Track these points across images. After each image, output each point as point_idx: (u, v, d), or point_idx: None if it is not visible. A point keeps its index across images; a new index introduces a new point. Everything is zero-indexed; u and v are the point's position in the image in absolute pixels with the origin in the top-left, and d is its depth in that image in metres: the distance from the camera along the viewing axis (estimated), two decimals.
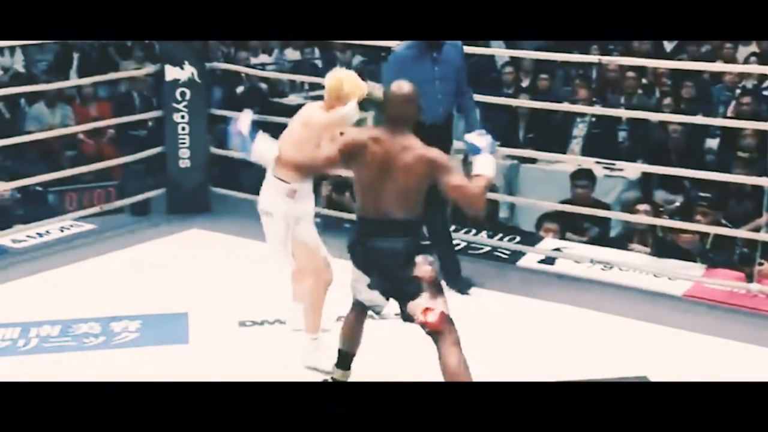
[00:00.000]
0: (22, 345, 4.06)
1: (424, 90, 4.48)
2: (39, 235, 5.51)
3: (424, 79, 4.52)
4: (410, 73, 4.51)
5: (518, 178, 7.05)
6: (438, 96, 4.64)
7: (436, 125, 4.66)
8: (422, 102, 4.47)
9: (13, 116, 7.94)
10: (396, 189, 3.24)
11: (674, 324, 4.40)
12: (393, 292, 3.35)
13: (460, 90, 4.75)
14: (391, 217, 3.26)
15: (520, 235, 5.72)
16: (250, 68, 8.37)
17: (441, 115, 4.69)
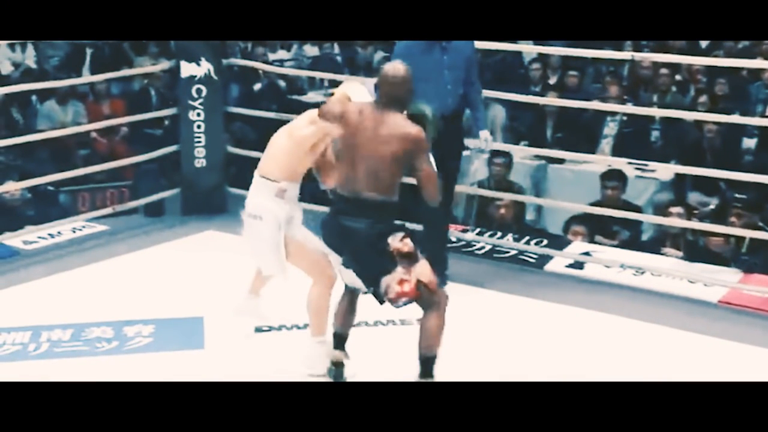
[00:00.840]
0: (32, 349, 4.09)
1: (432, 80, 4.56)
2: (50, 236, 5.56)
3: (432, 68, 4.59)
4: (419, 63, 4.56)
5: (546, 179, 7.04)
6: (447, 86, 4.66)
7: (445, 116, 4.66)
8: (431, 92, 4.56)
9: (24, 114, 8.01)
10: (372, 166, 3.35)
11: (709, 332, 4.38)
12: (363, 271, 3.45)
13: (469, 81, 4.76)
14: (363, 196, 3.38)
15: (547, 238, 5.70)
16: (268, 64, 8.40)
17: (450, 105, 4.70)
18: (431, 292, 3.44)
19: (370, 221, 3.39)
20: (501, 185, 6.19)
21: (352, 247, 3.45)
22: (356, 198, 3.40)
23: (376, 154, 3.36)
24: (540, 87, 8.07)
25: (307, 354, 3.84)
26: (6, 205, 6.01)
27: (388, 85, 3.43)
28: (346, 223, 3.42)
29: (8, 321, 4.35)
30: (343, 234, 3.44)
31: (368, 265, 3.45)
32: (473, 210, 5.73)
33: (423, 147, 3.39)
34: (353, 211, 3.40)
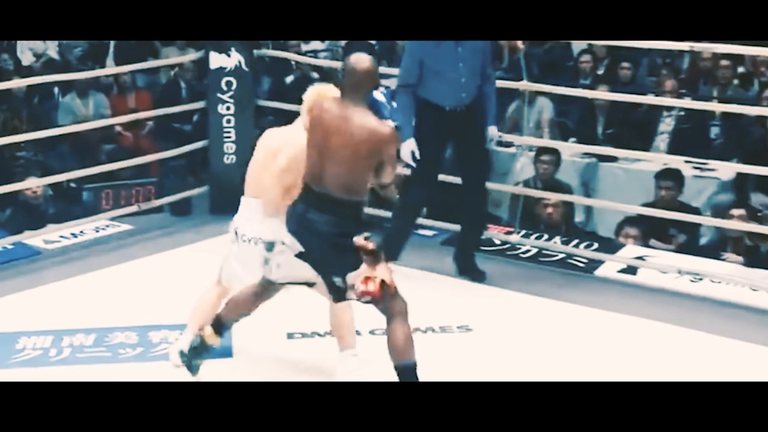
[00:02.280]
0: (54, 355, 4.13)
1: (446, 73, 4.61)
2: (73, 235, 5.62)
3: (446, 61, 4.65)
4: (432, 56, 4.67)
5: (596, 178, 7.00)
6: (462, 80, 4.70)
7: (457, 111, 4.70)
8: (444, 86, 4.58)
9: (45, 107, 8.09)
10: (339, 164, 3.44)
11: None
12: (324, 265, 3.54)
13: (484, 73, 4.78)
14: (331, 194, 3.47)
15: (597, 241, 5.67)
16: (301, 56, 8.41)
17: (464, 99, 4.73)
18: (393, 295, 3.53)
19: (335, 219, 3.49)
20: (548, 185, 6.16)
21: (316, 241, 3.53)
22: (324, 194, 3.49)
23: (343, 153, 3.44)
24: (590, 80, 8.01)
25: (345, 370, 3.86)
26: (27, 202, 6.08)
27: (353, 75, 3.51)
28: (312, 216, 3.51)
29: (29, 324, 4.40)
30: (308, 227, 3.53)
31: (332, 261, 3.54)
32: (518, 211, 5.70)
33: (394, 144, 3.51)
34: (320, 207, 3.50)
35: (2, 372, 3.96)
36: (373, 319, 3.77)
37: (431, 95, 4.75)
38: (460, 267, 5.08)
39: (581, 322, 4.57)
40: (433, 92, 4.74)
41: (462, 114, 4.76)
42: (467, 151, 4.97)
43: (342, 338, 3.92)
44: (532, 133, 6.98)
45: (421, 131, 4.77)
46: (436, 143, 4.86)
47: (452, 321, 4.48)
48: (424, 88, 4.75)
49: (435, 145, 4.85)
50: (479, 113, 4.83)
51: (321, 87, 3.83)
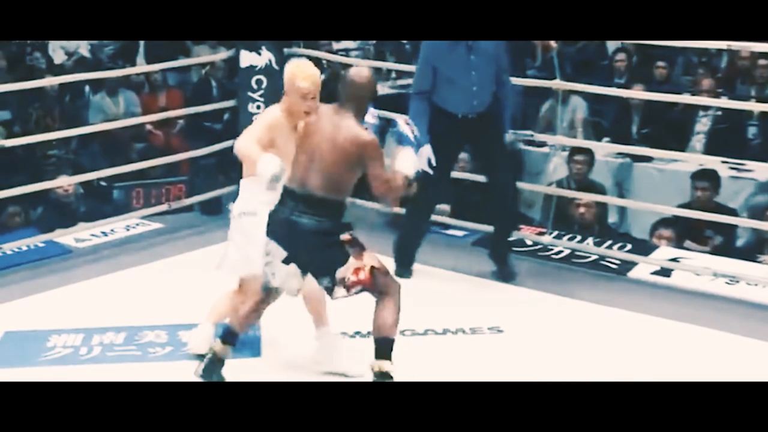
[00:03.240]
0: (84, 353, 4.18)
1: (458, 81, 4.64)
2: (104, 234, 5.68)
3: (458, 69, 4.70)
4: (444, 62, 4.71)
5: (630, 179, 6.96)
6: (473, 88, 4.74)
7: (469, 118, 4.73)
8: (457, 93, 4.59)
9: (77, 105, 8.17)
10: (325, 166, 3.59)
11: None
12: (311, 266, 3.65)
13: (500, 80, 4.80)
14: (314, 193, 3.59)
15: (631, 242, 5.65)
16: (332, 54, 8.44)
17: (476, 107, 4.77)
18: (385, 276, 3.66)
19: (320, 219, 3.59)
20: (581, 185, 6.14)
21: (301, 243, 3.63)
22: (308, 195, 3.60)
23: (329, 156, 3.59)
24: (625, 79, 7.97)
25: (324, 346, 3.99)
26: (59, 201, 6.14)
27: (353, 88, 3.67)
28: (295, 218, 3.59)
29: (59, 323, 4.45)
30: (292, 229, 3.61)
31: (321, 259, 3.64)
32: (551, 211, 5.68)
33: (375, 152, 3.61)
34: (304, 208, 3.60)
35: (33, 370, 4.01)
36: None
37: (444, 102, 4.80)
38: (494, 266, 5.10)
39: (613, 324, 4.56)
40: (446, 99, 4.79)
41: (475, 121, 4.80)
42: (486, 154, 5.02)
43: (319, 318, 4.00)
44: (565, 133, 6.95)
45: (434, 136, 4.83)
46: (448, 149, 4.92)
47: (483, 322, 4.48)
48: (437, 94, 4.80)
49: (447, 150, 4.91)
50: (495, 119, 4.86)
51: (298, 62, 3.98)
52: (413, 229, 5.07)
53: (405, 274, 5.05)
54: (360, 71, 3.73)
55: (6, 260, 5.22)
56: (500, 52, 4.78)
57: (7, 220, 5.95)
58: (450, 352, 4.21)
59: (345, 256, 3.61)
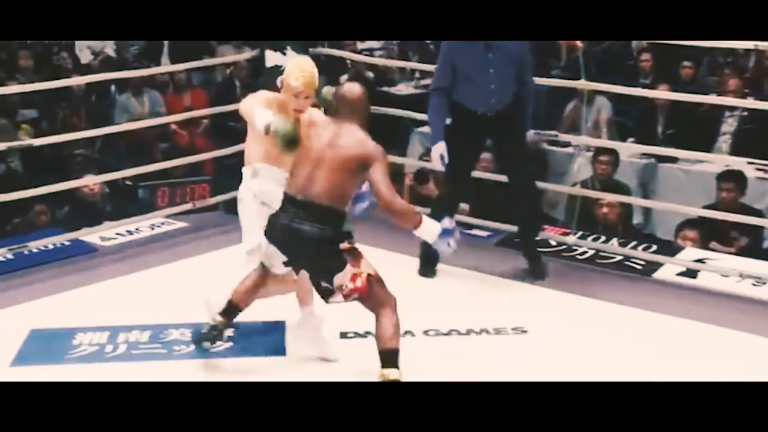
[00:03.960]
0: (110, 351, 4.20)
1: (477, 79, 4.67)
2: (129, 232, 5.71)
3: (476, 67, 4.72)
4: (463, 60, 4.76)
5: (655, 179, 6.93)
6: (491, 86, 4.74)
7: (488, 116, 4.73)
8: (475, 91, 4.60)
9: (103, 105, 8.23)
10: (327, 175, 3.66)
11: None
12: (314, 271, 3.73)
13: (522, 80, 4.81)
14: (316, 201, 3.66)
15: (656, 243, 5.62)
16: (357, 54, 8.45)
17: (495, 105, 4.78)
18: (380, 286, 3.70)
19: (322, 227, 3.66)
20: (605, 185, 6.12)
21: (302, 250, 3.71)
22: (309, 203, 3.66)
23: (332, 164, 3.66)
24: (650, 79, 7.93)
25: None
26: (85, 200, 6.19)
27: (347, 103, 3.77)
28: (296, 226, 3.66)
29: (85, 320, 4.48)
30: (293, 236, 3.68)
31: (320, 265, 3.71)
32: (575, 212, 5.67)
33: (377, 161, 3.67)
34: (305, 216, 3.66)
35: (59, 367, 4.04)
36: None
37: (463, 99, 4.82)
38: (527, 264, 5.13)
39: (638, 325, 4.53)
40: (465, 96, 4.81)
41: (495, 119, 4.80)
42: (506, 154, 5.03)
43: (303, 299, 4.07)
44: (590, 133, 6.93)
45: (454, 133, 4.87)
46: (469, 146, 4.94)
47: (507, 323, 4.48)
48: (457, 92, 4.82)
49: (467, 147, 4.93)
50: (515, 118, 4.86)
51: (298, 60, 4.08)
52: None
53: (429, 273, 5.06)
54: (352, 87, 3.83)
55: (32, 258, 5.26)
56: (523, 51, 4.78)
57: (33, 219, 6.00)
58: (474, 353, 4.21)
59: (343, 263, 3.67)
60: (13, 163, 6.83)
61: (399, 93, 8.79)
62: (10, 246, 5.25)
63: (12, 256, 5.21)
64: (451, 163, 4.84)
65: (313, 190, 3.67)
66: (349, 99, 3.78)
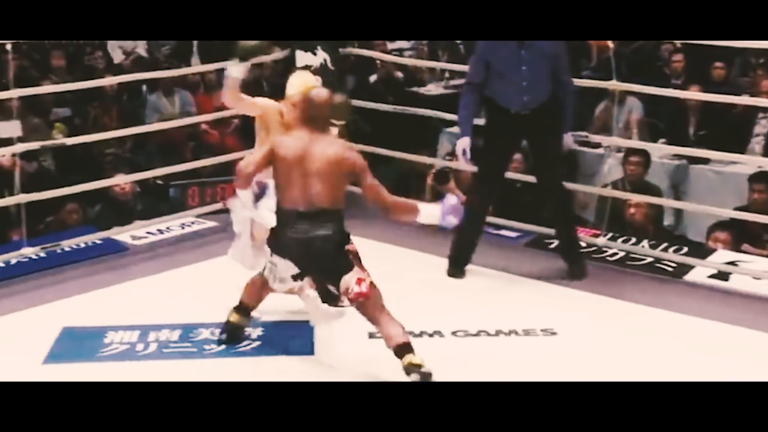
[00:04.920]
0: (141, 349, 4.23)
1: (508, 76, 4.70)
2: (159, 231, 5.74)
3: (508, 63, 4.74)
4: (496, 57, 4.77)
5: (687, 181, 6.88)
6: (522, 83, 4.74)
7: (521, 114, 4.73)
8: (507, 88, 4.68)
9: (134, 104, 8.28)
10: (319, 182, 3.82)
11: None
12: (326, 275, 3.85)
13: (559, 80, 4.79)
14: (319, 207, 3.81)
15: (687, 245, 5.57)
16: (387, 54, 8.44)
17: (527, 104, 4.78)
18: (378, 291, 3.83)
19: (333, 227, 3.83)
20: (636, 187, 6.07)
21: (316, 257, 3.84)
22: (314, 211, 3.82)
23: (320, 172, 3.82)
24: (682, 80, 7.87)
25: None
26: (116, 199, 6.23)
27: (315, 108, 3.93)
28: (311, 236, 3.81)
29: (116, 319, 4.51)
30: (306, 247, 3.83)
31: (331, 269, 3.84)
32: (605, 213, 5.63)
33: (360, 167, 3.87)
34: (314, 223, 3.82)
35: (91, 365, 4.07)
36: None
37: (496, 96, 4.84)
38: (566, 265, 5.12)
39: (669, 327, 4.50)
40: (497, 93, 4.83)
41: (528, 117, 4.79)
42: (539, 154, 5.01)
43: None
44: (621, 134, 6.89)
45: (488, 132, 4.91)
46: (502, 143, 4.95)
47: (536, 324, 4.46)
48: (489, 88, 4.84)
49: (501, 145, 4.94)
50: (550, 118, 4.83)
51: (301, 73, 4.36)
52: (470, 228, 5.06)
53: (458, 274, 5.05)
54: (319, 92, 3.99)
55: (64, 257, 5.30)
56: (558, 51, 4.76)
57: (65, 218, 6.05)
58: (503, 354, 4.19)
59: (350, 264, 3.81)
60: (46, 161, 6.88)
61: (428, 93, 8.78)
62: (43, 245, 5.29)
63: (44, 255, 5.26)
64: (483, 161, 4.85)
65: (313, 199, 3.82)
66: (317, 103, 3.93)
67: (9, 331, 4.46)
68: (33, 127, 6.97)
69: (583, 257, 5.14)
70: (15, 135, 5.24)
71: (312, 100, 3.96)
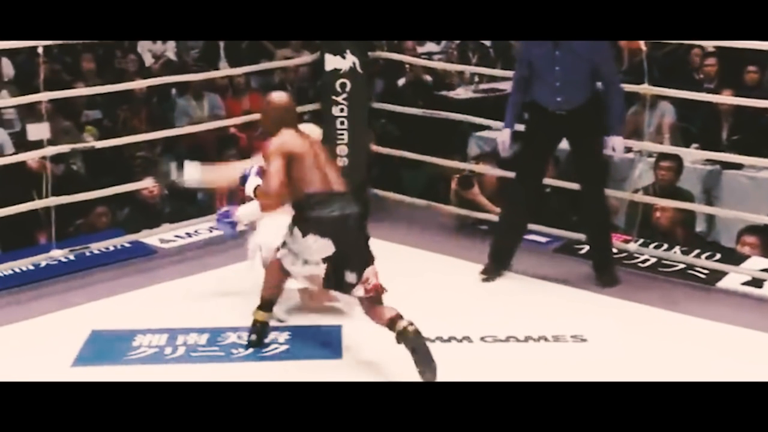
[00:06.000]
0: (169, 353, 4.24)
1: (543, 76, 4.75)
2: (188, 235, 5.76)
3: (543, 63, 4.75)
4: (534, 55, 4.79)
5: (719, 186, 6.83)
6: (556, 83, 4.73)
7: (557, 114, 4.72)
8: (543, 88, 4.77)
9: (163, 107, 8.33)
10: (331, 168, 4.10)
11: None
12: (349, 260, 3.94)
13: (604, 82, 4.77)
14: (340, 189, 4.05)
15: (720, 251, 5.52)
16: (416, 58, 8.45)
17: (561, 104, 4.76)
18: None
19: (357, 207, 4.02)
20: (666, 192, 6.03)
21: (350, 233, 3.96)
22: (338, 192, 4.03)
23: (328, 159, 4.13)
24: (714, 84, 7.81)
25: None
26: (145, 202, 6.27)
27: (274, 111, 4.18)
28: (345, 212, 3.95)
29: (144, 322, 4.53)
30: (343, 223, 3.95)
31: (361, 249, 3.99)
32: (636, 219, 5.60)
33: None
34: (342, 202, 3.99)
35: (120, 368, 4.09)
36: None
37: (536, 95, 4.85)
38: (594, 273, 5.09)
39: (701, 335, 4.46)
40: (537, 93, 4.84)
41: (565, 118, 4.77)
42: (578, 157, 4.98)
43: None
44: (652, 139, 6.85)
45: (527, 129, 4.94)
46: (540, 143, 4.93)
47: (566, 330, 4.43)
48: (531, 87, 4.86)
49: (538, 144, 4.93)
50: (590, 120, 4.80)
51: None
52: (506, 231, 5.06)
53: (491, 277, 5.03)
54: (280, 95, 4.29)
55: (93, 260, 5.33)
56: (598, 52, 4.69)
57: (94, 220, 6.09)
58: (532, 360, 4.17)
59: (372, 256, 3.97)
60: (76, 164, 6.94)
61: (457, 97, 8.78)
62: (72, 247, 5.33)
63: (73, 258, 5.29)
64: (520, 161, 4.84)
65: (333, 183, 4.03)
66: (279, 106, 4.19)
67: (38, 333, 4.49)
68: (63, 129, 7.04)
69: (614, 265, 5.11)
70: (44, 137, 5.28)
71: (271, 101, 4.22)
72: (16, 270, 5.15)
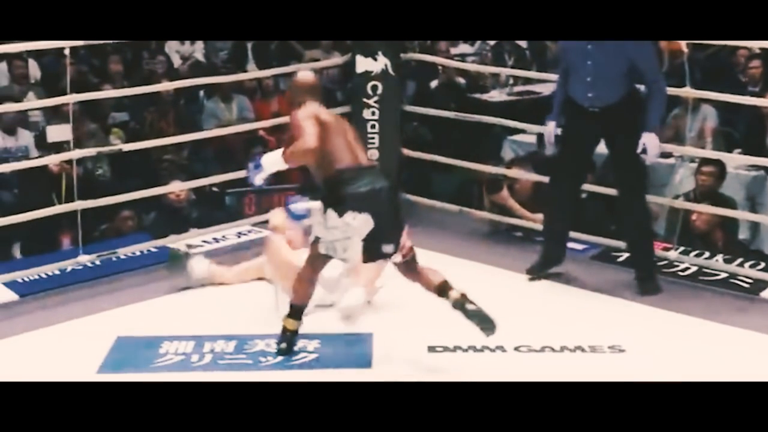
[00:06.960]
0: (196, 360, 4.28)
1: (577, 70, 4.81)
2: (215, 240, 5.80)
3: (577, 57, 4.80)
4: (567, 50, 4.87)
5: (764, 192, 6.76)
6: (587, 78, 4.76)
7: (590, 111, 4.76)
8: (576, 83, 4.82)
9: (191, 110, 8.38)
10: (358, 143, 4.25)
11: None
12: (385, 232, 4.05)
13: (648, 79, 4.77)
14: (368, 163, 4.28)
15: (764, 260, 5.47)
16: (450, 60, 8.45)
17: (593, 100, 4.78)
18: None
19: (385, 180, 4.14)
20: (707, 198, 5.98)
21: (384, 206, 4.05)
22: (367, 166, 4.20)
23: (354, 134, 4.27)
24: (759, 87, 7.75)
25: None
26: (171, 206, 6.30)
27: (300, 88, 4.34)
28: (376, 186, 4.05)
29: (171, 329, 4.57)
30: (377, 196, 4.04)
31: (393, 224, 4.09)
32: (677, 226, 5.56)
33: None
34: (372, 176, 4.10)
35: (147, 375, 4.13)
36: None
37: (570, 90, 4.90)
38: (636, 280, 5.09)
39: (743, 346, 4.43)
40: (571, 88, 4.89)
41: (600, 116, 4.77)
42: (614, 159, 4.99)
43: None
44: (694, 143, 6.80)
45: (564, 129, 4.97)
46: (575, 142, 4.95)
47: (603, 340, 4.42)
48: (569, 82, 4.90)
49: (573, 143, 4.95)
50: (626, 119, 4.78)
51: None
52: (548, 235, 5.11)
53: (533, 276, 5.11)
54: (306, 73, 4.45)
55: (119, 265, 5.38)
56: (636, 49, 4.67)
57: (120, 225, 6.13)
58: (568, 371, 4.16)
59: (404, 222, 4.14)
60: (102, 168, 7.00)
61: (491, 100, 8.77)
62: (98, 252, 5.37)
63: (99, 263, 5.34)
64: (557, 161, 4.91)
65: (360, 157, 4.17)
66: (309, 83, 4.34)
67: (64, 339, 4.55)
68: (90, 132, 7.10)
69: (656, 272, 5.08)
70: (65, 139, 5.33)
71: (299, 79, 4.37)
72: (42, 275, 5.21)
